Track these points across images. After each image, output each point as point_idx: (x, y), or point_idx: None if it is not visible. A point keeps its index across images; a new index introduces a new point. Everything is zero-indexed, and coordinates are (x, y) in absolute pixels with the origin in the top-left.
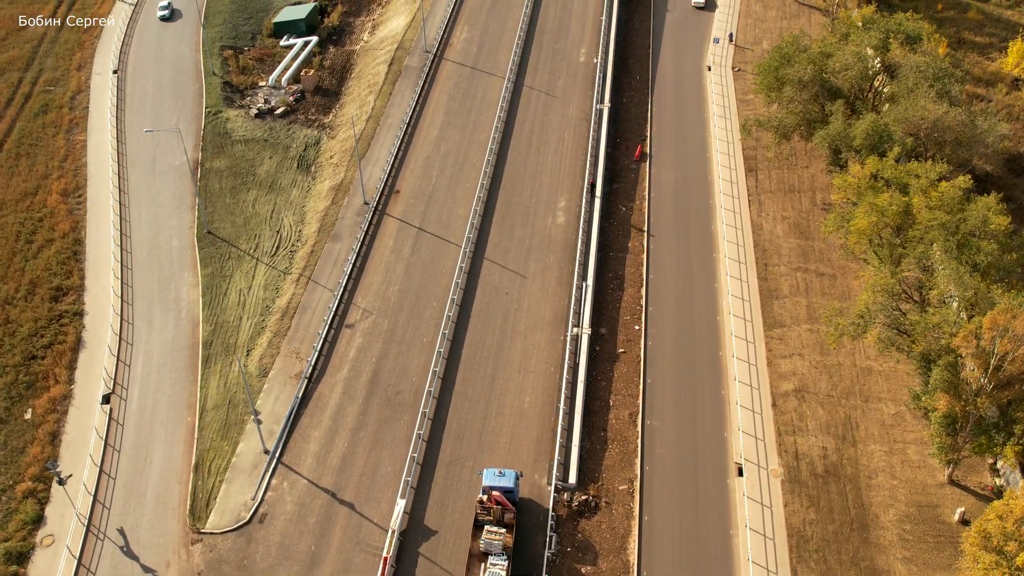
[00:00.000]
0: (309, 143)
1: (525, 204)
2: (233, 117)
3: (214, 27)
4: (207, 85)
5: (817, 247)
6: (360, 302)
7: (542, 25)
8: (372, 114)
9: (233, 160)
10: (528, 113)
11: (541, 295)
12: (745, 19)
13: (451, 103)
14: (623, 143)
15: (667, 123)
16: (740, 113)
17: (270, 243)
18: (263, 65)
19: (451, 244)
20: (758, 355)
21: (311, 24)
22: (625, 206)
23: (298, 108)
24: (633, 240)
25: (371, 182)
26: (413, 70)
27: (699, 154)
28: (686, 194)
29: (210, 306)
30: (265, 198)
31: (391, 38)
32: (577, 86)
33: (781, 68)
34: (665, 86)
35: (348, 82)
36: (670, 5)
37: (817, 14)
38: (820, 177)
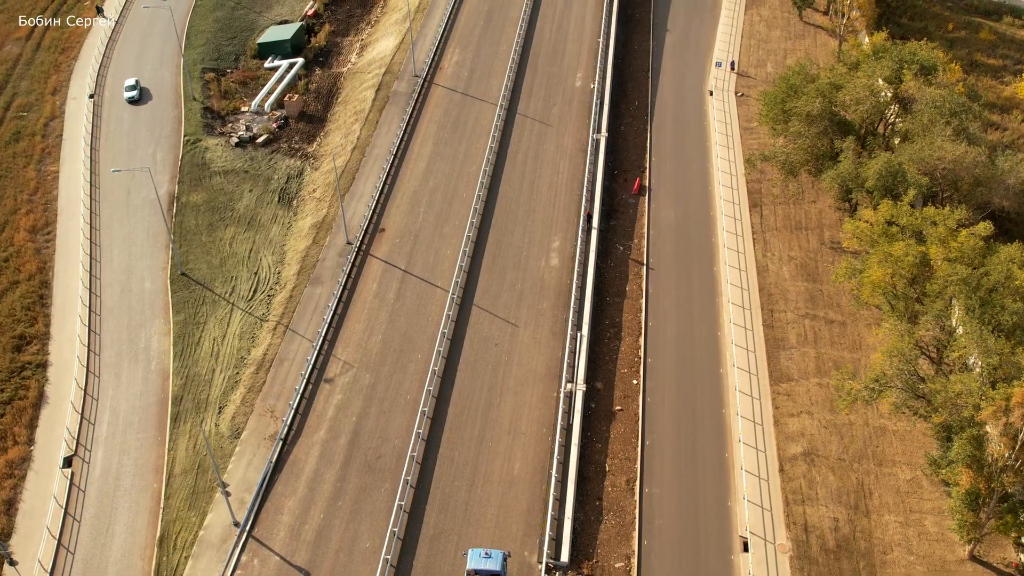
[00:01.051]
0: (291, 175)
1: (517, 244)
2: (213, 146)
3: (196, 48)
4: (186, 111)
5: (826, 291)
6: (340, 353)
7: (537, 47)
8: (357, 144)
9: (211, 194)
10: (521, 143)
11: (533, 346)
12: (748, 39)
13: (440, 132)
14: (621, 175)
15: (667, 153)
16: (744, 142)
17: (247, 286)
18: (246, 89)
19: (438, 289)
20: (764, 413)
21: (297, 45)
22: (623, 244)
23: (281, 136)
24: (631, 283)
25: (355, 219)
26: (401, 96)
27: (701, 187)
28: (687, 232)
29: (181, 357)
30: (243, 236)
31: (379, 60)
32: (573, 113)
33: (788, 100)
34: (665, 112)
35: (334, 107)
36: (670, 24)
37: (823, 34)
38: (828, 213)
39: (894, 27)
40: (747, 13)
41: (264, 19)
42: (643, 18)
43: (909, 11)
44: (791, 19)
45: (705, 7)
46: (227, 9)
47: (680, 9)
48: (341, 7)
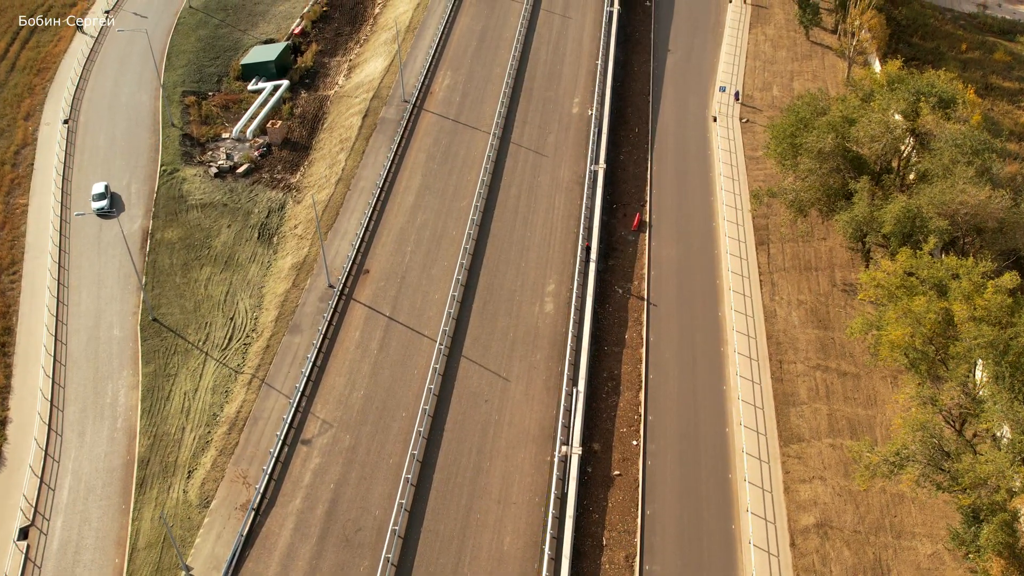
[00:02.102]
0: (273, 208)
1: (510, 287)
2: (191, 177)
3: (176, 69)
4: (164, 138)
5: (838, 339)
6: (319, 411)
7: (532, 70)
8: (342, 176)
9: (187, 230)
10: (515, 175)
11: (526, 403)
12: (753, 60)
13: (430, 163)
14: (620, 209)
15: (668, 185)
16: (749, 173)
17: (222, 333)
18: (228, 113)
19: (425, 338)
20: (773, 479)
21: (282, 65)
22: (622, 287)
23: (263, 165)
24: (630, 330)
25: (338, 259)
26: (390, 123)
27: (704, 223)
28: (690, 273)
29: (150, 414)
30: (220, 277)
31: (367, 84)
32: (569, 142)
33: (797, 134)
34: (666, 141)
35: (319, 134)
36: (672, 44)
37: (831, 54)
38: (839, 252)
39: (904, 47)
40: (751, 32)
41: (249, 38)
42: (643, 37)
43: (920, 30)
44: (797, 38)
45: (708, 25)
46: (210, 27)
47: (682, 27)
48: (329, 25)
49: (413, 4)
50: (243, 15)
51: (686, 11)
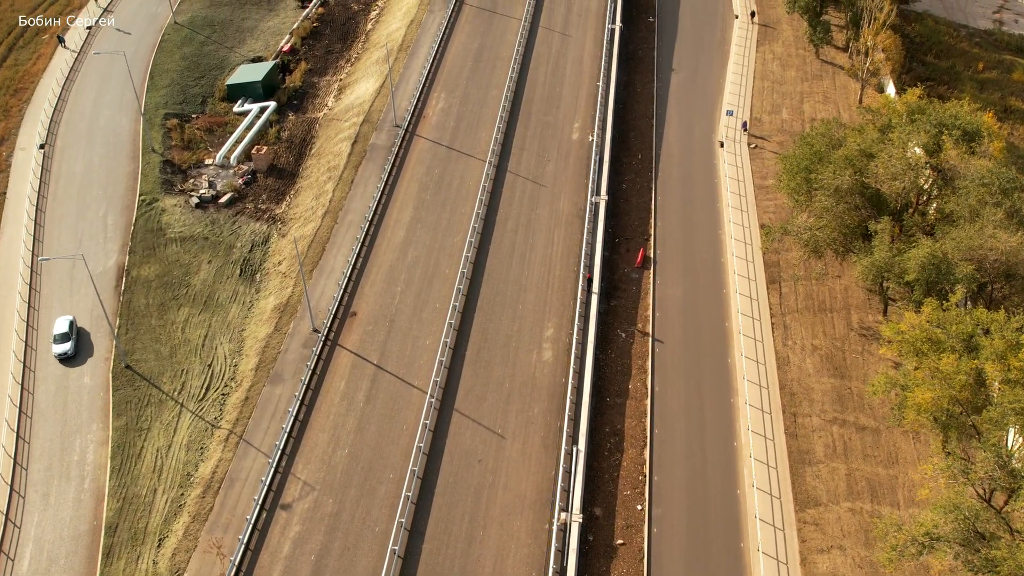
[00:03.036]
0: (256, 242)
1: (506, 332)
2: (170, 207)
3: (159, 90)
4: (144, 165)
5: (855, 389)
6: (301, 471)
7: (530, 92)
8: (329, 208)
9: (165, 266)
10: (512, 208)
11: (522, 463)
12: (761, 80)
13: (422, 194)
14: (622, 243)
15: (673, 217)
16: (759, 204)
17: (199, 382)
18: (212, 137)
19: (415, 389)
20: (789, 548)
21: (270, 85)
22: (625, 331)
23: (247, 194)
24: (634, 379)
25: (323, 299)
26: (380, 150)
27: (712, 259)
28: (697, 315)
29: (120, 473)
30: (198, 319)
31: (357, 107)
32: (569, 171)
33: (812, 168)
34: (671, 168)
35: (306, 160)
36: (676, 63)
37: (842, 74)
38: (855, 291)
39: (918, 66)
40: (759, 50)
41: (236, 56)
42: (646, 56)
43: (935, 48)
44: (807, 57)
45: (713, 43)
46: (196, 44)
47: (687, 45)
48: (319, 42)
49: (406, 20)
50: (230, 31)
51: (690, 27)
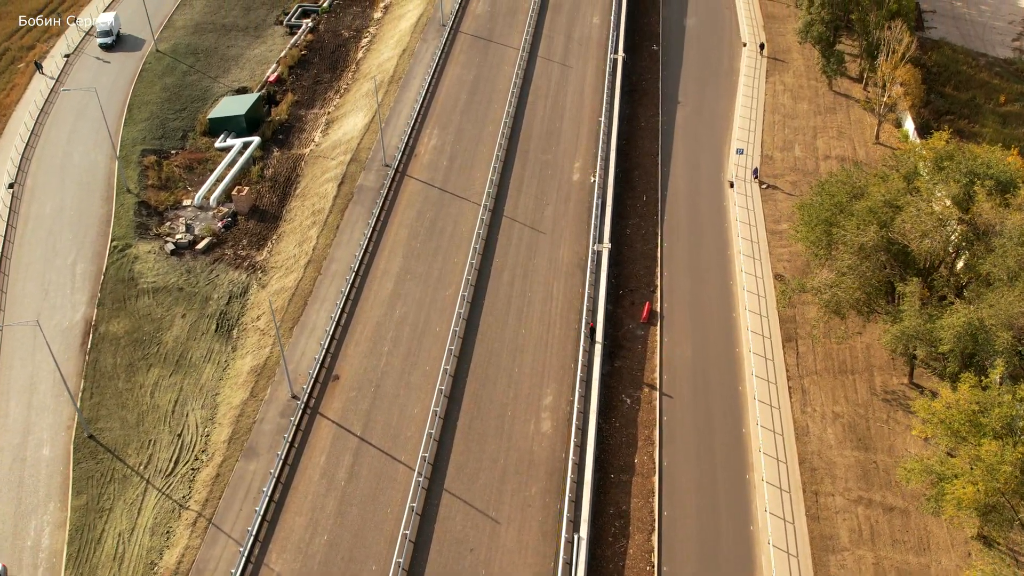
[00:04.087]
0: (234, 293)
1: (501, 399)
2: (144, 254)
3: (137, 123)
4: (118, 207)
5: (881, 463)
6: (275, 561)
7: (528, 128)
8: (312, 256)
9: (135, 321)
10: (508, 256)
11: (518, 553)
12: (772, 114)
13: (412, 241)
14: (627, 296)
15: (681, 266)
16: (772, 251)
17: (167, 454)
18: (192, 175)
19: (401, 465)
20: None
21: (254, 119)
22: (630, 395)
23: (227, 239)
24: (640, 452)
25: (304, 361)
26: (368, 192)
27: (723, 314)
28: (708, 377)
29: (76, 561)
30: (169, 381)
31: (345, 143)
32: (570, 216)
33: (832, 221)
34: (678, 211)
35: (290, 201)
36: (682, 94)
37: (857, 107)
38: (878, 350)
39: (937, 98)
40: (769, 80)
41: (220, 86)
42: (651, 87)
43: (953, 79)
44: (819, 88)
45: (720, 72)
46: (178, 75)
47: (693, 75)
48: (308, 71)
49: (399, 49)
50: (214, 60)
51: (696, 56)
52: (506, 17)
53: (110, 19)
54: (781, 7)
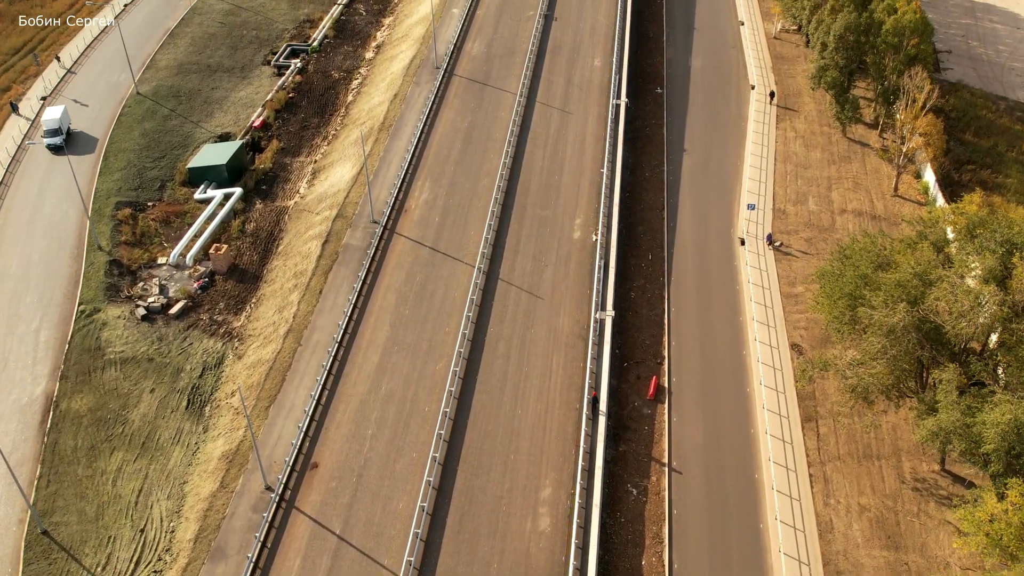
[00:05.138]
0: (208, 364)
1: (495, 491)
2: (113, 320)
3: (113, 173)
4: (88, 266)
5: (913, 565)
6: None
7: (526, 180)
8: (293, 324)
9: (100, 396)
10: (504, 325)
11: None
12: (783, 163)
13: (400, 308)
14: (632, 368)
15: (690, 335)
16: (787, 317)
17: (128, 553)
18: (169, 229)
19: (384, 571)
20: None
21: (237, 167)
22: (636, 485)
23: (203, 301)
24: (648, 552)
25: (280, 446)
26: (354, 252)
27: (736, 389)
28: (721, 463)
29: None
30: (134, 467)
31: (331, 196)
32: (570, 279)
33: (856, 295)
34: (686, 271)
35: (272, 260)
36: (688, 142)
37: (872, 155)
38: (905, 432)
39: (956, 145)
40: (779, 126)
41: (202, 131)
42: (655, 133)
43: (973, 125)
44: (832, 134)
45: (729, 118)
46: (158, 119)
47: (699, 120)
48: (295, 116)
49: (390, 94)
50: (197, 103)
51: (702, 100)
52: (503, 59)
53: (57, 114)
54: (790, 47)
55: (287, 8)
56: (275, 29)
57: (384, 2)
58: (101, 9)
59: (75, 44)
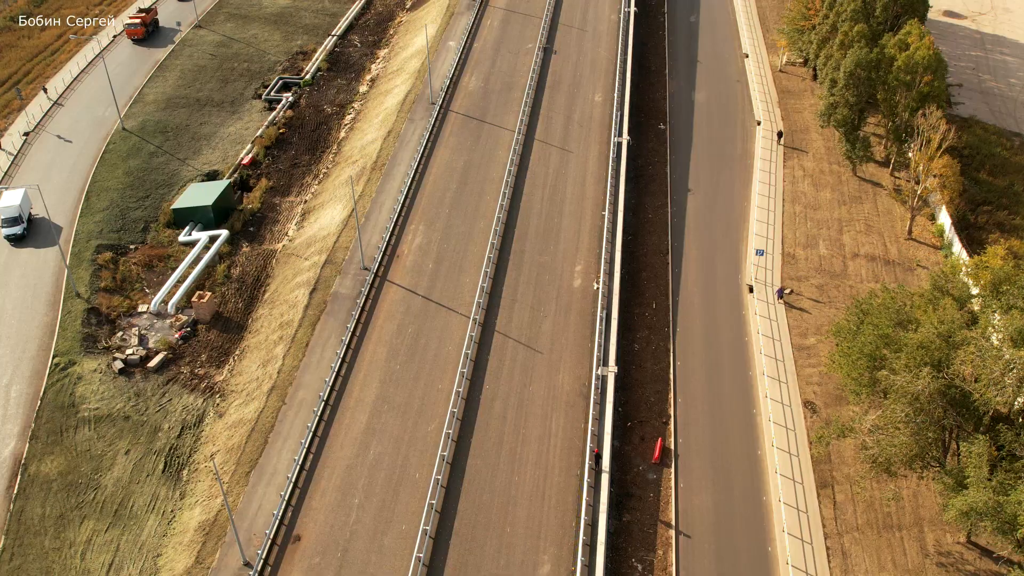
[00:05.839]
0: (188, 423)
1: (489, 568)
2: (88, 374)
3: (95, 214)
4: (64, 315)
5: None
6: None
7: (524, 223)
8: (277, 381)
9: (72, 458)
10: (500, 382)
11: None
12: (791, 204)
13: (391, 362)
14: (636, 429)
15: (697, 392)
16: (799, 371)
17: None
18: (151, 274)
19: None
20: None
21: (224, 208)
22: (642, 562)
23: (184, 353)
24: None
25: (261, 515)
26: (343, 301)
27: (747, 452)
28: (732, 536)
29: None
30: (105, 537)
31: (321, 240)
32: (570, 331)
33: (876, 355)
34: (692, 322)
35: (258, 308)
36: (692, 181)
37: (884, 195)
38: (928, 499)
39: (971, 185)
40: (787, 164)
41: (189, 169)
42: (658, 172)
43: (987, 163)
44: (842, 173)
45: (734, 155)
46: (143, 156)
47: (704, 158)
48: (285, 152)
49: (383, 131)
50: (184, 139)
51: (707, 136)
52: (501, 94)
53: (17, 200)
54: (796, 80)
55: (280, 39)
56: (267, 61)
57: (380, 33)
58: (88, 42)
59: (61, 77)
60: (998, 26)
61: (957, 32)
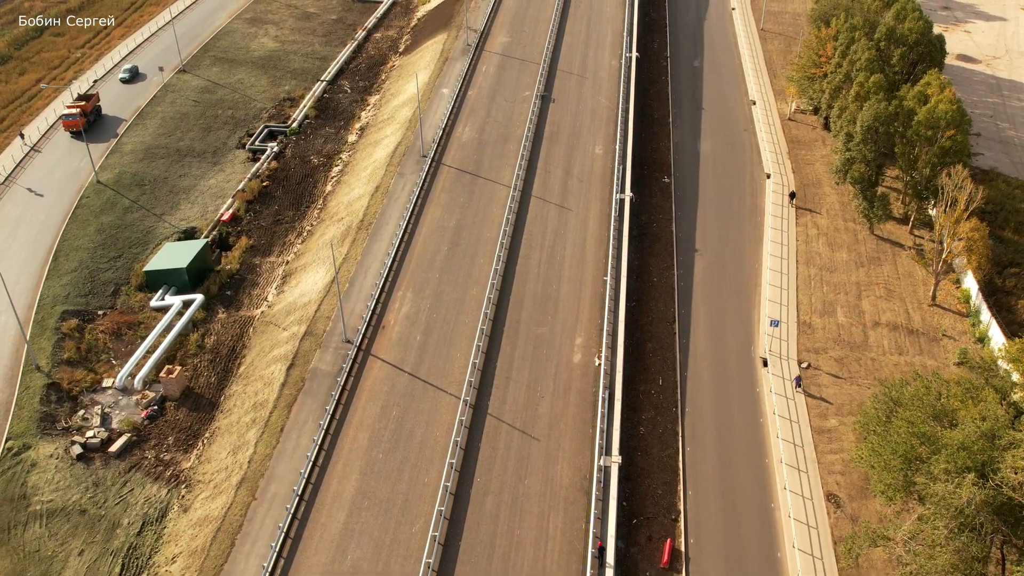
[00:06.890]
0: (149, 518)
1: None
2: (44, 460)
3: (63, 276)
4: (22, 391)
5: None
6: None
7: (520, 290)
8: (248, 472)
9: (18, 560)
10: (493, 475)
11: None
12: (806, 266)
13: (373, 451)
14: (643, 527)
15: (709, 483)
16: (820, 457)
17: None
18: (119, 343)
19: None
20: None
21: (200, 269)
22: None
23: (149, 434)
24: None
25: None
26: (323, 379)
27: (765, 555)
28: None
29: None
30: None
31: (301, 308)
32: (570, 414)
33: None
34: (702, 401)
35: (231, 384)
36: (700, 240)
37: (903, 256)
38: None
39: (996, 244)
40: (800, 222)
41: (165, 226)
42: (663, 230)
43: (1012, 220)
44: (859, 231)
45: (743, 211)
46: (117, 212)
47: (711, 215)
48: (268, 207)
49: (371, 186)
50: (162, 193)
51: (714, 191)
52: (496, 146)
53: None
54: (806, 129)
55: (267, 85)
56: (253, 108)
57: (371, 78)
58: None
59: (36, 125)
60: (1014, 70)
61: (972, 77)
